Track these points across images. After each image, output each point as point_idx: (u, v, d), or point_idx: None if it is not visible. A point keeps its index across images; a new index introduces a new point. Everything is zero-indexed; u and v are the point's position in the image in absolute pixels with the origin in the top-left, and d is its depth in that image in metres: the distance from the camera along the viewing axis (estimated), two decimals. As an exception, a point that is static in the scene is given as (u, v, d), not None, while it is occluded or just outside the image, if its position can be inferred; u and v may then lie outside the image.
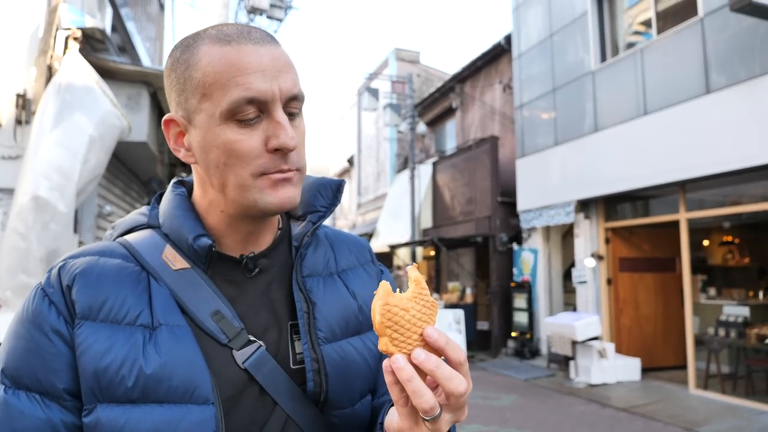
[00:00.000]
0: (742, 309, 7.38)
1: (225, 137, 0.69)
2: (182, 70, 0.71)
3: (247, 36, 0.70)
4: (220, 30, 0.71)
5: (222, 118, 0.69)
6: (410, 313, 0.61)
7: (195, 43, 0.72)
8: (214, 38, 0.70)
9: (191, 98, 0.71)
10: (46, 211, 3.38)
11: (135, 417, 0.64)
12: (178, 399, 0.66)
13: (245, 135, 0.69)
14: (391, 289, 0.62)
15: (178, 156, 0.76)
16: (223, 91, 0.68)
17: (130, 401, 0.65)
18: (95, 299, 0.69)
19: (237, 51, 0.68)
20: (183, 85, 0.71)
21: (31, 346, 0.68)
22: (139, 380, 0.65)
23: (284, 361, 0.75)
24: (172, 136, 0.76)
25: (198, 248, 0.74)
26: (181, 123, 0.74)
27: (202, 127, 0.71)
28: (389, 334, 0.60)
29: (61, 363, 0.67)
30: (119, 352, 0.66)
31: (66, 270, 0.71)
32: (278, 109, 0.70)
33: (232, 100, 0.67)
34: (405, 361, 0.59)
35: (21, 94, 3.93)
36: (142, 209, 0.85)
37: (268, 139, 0.70)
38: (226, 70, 0.68)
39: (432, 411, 0.58)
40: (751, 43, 6.48)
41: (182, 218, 0.77)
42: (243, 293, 0.77)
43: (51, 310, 0.69)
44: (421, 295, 0.63)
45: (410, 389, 0.58)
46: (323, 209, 0.86)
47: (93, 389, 0.66)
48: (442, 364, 0.59)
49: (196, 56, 0.70)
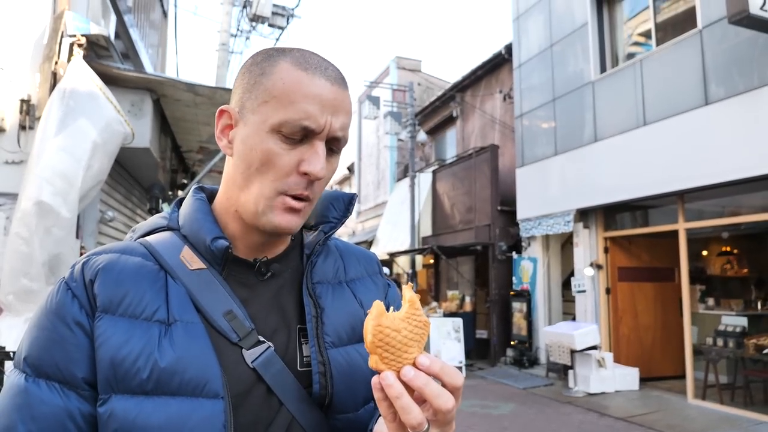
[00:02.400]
0: (740, 319, 7.39)
1: (268, 145, 0.74)
2: (257, 74, 0.76)
3: (324, 71, 0.75)
4: (303, 55, 0.77)
5: (273, 128, 0.73)
6: (402, 333, 0.62)
7: (278, 56, 0.77)
8: (296, 60, 0.75)
9: (253, 99, 0.76)
10: (49, 216, 3.40)
11: (148, 408, 0.67)
12: (190, 392, 0.68)
13: (285, 151, 0.74)
14: (384, 308, 0.63)
15: (219, 144, 0.80)
16: (284, 106, 0.73)
17: (143, 393, 0.68)
18: (115, 294, 0.72)
19: (310, 79, 0.74)
20: (252, 86, 0.76)
21: (54, 336, 0.71)
22: (153, 373, 0.68)
23: (292, 363, 0.78)
24: (220, 125, 0.80)
25: (215, 249, 0.77)
26: (234, 116, 0.78)
27: (251, 126, 0.75)
28: (380, 353, 0.61)
29: (81, 353, 0.70)
30: (136, 344, 0.69)
31: (89, 265, 0.75)
32: (321, 140, 0.75)
33: (287, 119, 0.72)
34: (394, 378, 0.60)
35: (25, 99, 3.95)
36: (163, 213, 0.89)
37: (301, 162, 0.74)
38: (293, 90, 0.73)
39: (420, 427, 0.60)
40: (749, 55, 6.53)
41: (201, 221, 0.80)
42: (255, 295, 0.80)
43: (74, 303, 0.72)
44: (414, 315, 0.64)
45: (399, 405, 0.59)
46: (335, 220, 0.91)
47: (109, 379, 0.68)
48: (430, 382, 0.60)
49: (273, 67, 0.75)
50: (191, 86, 4.98)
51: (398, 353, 0.61)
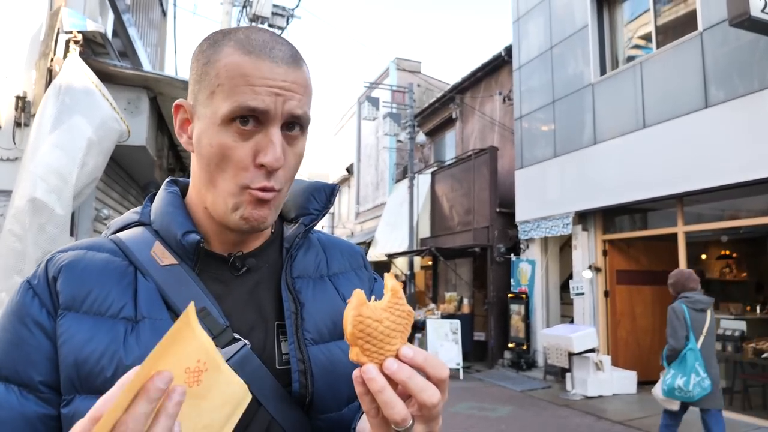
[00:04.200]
0: (739, 323, 7.37)
1: (221, 139, 0.70)
2: (202, 63, 0.74)
3: (269, 51, 0.71)
4: (248, 36, 0.73)
5: (223, 120, 0.70)
6: (384, 324, 0.58)
7: (222, 41, 0.73)
8: (239, 44, 0.72)
9: (202, 92, 0.73)
10: (43, 214, 3.37)
11: None
12: None
13: (239, 143, 0.70)
14: (365, 297, 0.59)
15: (180, 140, 0.77)
16: (230, 95, 0.69)
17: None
18: (79, 291, 0.70)
19: (253, 63, 0.70)
20: (199, 77, 0.74)
21: (13, 338, 0.69)
22: (118, 371, 0.65)
23: (270, 361, 0.75)
24: (178, 120, 0.78)
25: (186, 244, 0.74)
26: (189, 111, 0.76)
27: (204, 121, 0.73)
28: (361, 344, 0.58)
29: (40, 355, 0.68)
30: (100, 342, 0.67)
31: (53, 262, 0.73)
32: (275, 126, 0.71)
33: (235, 105, 0.69)
34: (377, 372, 0.56)
35: (21, 96, 3.92)
36: (136, 208, 0.86)
37: (257, 153, 0.71)
38: (237, 77, 0.69)
39: (404, 422, 0.56)
40: (749, 58, 6.51)
41: (172, 215, 0.78)
42: (229, 291, 0.77)
43: (34, 302, 0.70)
44: (397, 305, 0.60)
45: (381, 400, 0.56)
46: (316, 212, 0.87)
47: (72, 379, 0.66)
48: (414, 375, 0.57)
49: (217, 55, 0.72)
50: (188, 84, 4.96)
51: (380, 345, 0.58)
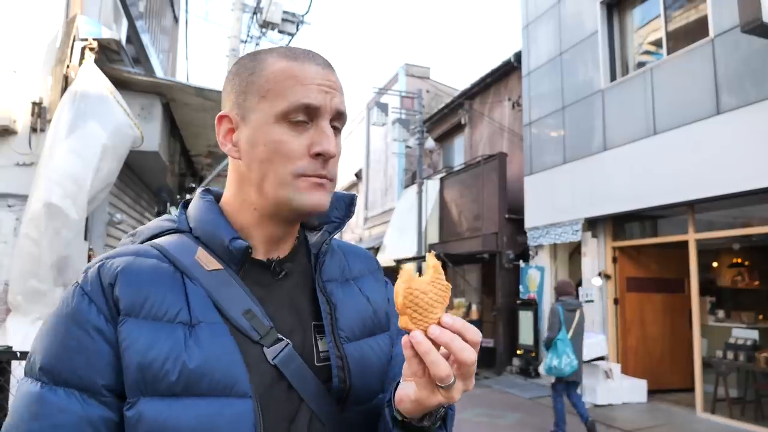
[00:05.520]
0: (751, 332, 7.31)
1: (274, 136, 0.76)
2: (246, 74, 0.80)
3: (312, 58, 0.80)
4: (288, 48, 0.81)
5: (276, 119, 0.76)
6: (428, 295, 0.67)
7: (263, 54, 0.81)
8: (282, 53, 0.80)
9: (250, 99, 0.78)
10: (58, 218, 3.41)
11: (178, 410, 0.67)
12: (219, 392, 0.69)
13: (293, 137, 0.77)
14: (412, 273, 0.68)
15: (224, 150, 0.82)
16: (283, 95, 0.76)
17: (173, 395, 0.68)
18: (137, 296, 0.72)
19: (300, 66, 0.78)
20: (244, 87, 0.79)
21: (71, 343, 0.70)
22: (182, 375, 0.68)
23: (309, 359, 0.80)
24: (222, 131, 0.82)
25: (234, 250, 0.78)
26: (234, 120, 0.81)
27: (254, 124, 0.78)
28: (409, 313, 0.67)
29: (101, 360, 0.69)
30: (162, 347, 0.69)
31: (106, 269, 0.74)
32: (326, 120, 0.78)
33: (290, 103, 0.76)
34: (423, 336, 0.65)
35: (37, 102, 3.97)
36: (165, 217, 0.89)
37: (311, 144, 0.77)
38: (288, 79, 0.77)
39: (448, 379, 0.65)
40: (761, 64, 6.48)
41: (216, 222, 0.81)
42: (270, 295, 0.81)
43: (91, 308, 0.71)
44: (438, 279, 0.69)
45: (428, 360, 0.64)
46: (338, 220, 0.92)
47: (137, 383, 0.68)
48: (455, 338, 0.65)
49: (262, 64, 0.79)
50: (200, 90, 5.00)
51: (425, 313, 0.67)
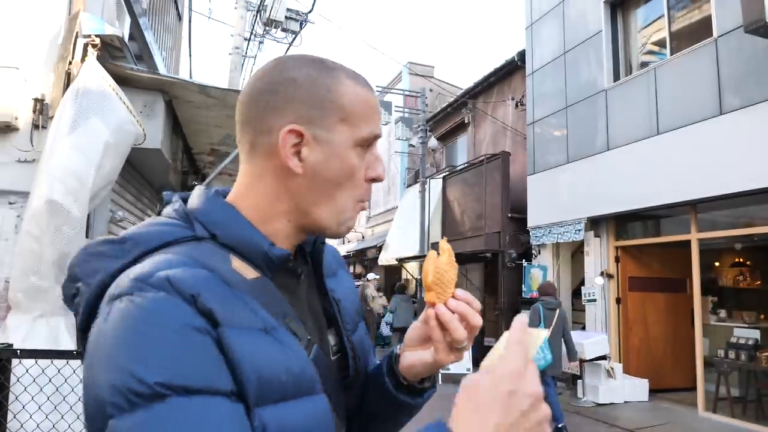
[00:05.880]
0: (753, 332, 7.29)
1: (352, 161, 0.79)
2: (323, 91, 0.78)
3: (369, 84, 0.84)
4: (352, 70, 0.83)
5: (355, 144, 0.79)
6: (449, 273, 0.81)
7: (335, 72, 0.80)
8: (351, 76, 0.81)
9: (328, 118, 0.78)
10: (60, 215, 3.41)
11: (291, 412, 0.68)
12: (312, 390, 0.73)
13: (361, 163, 0.81)
14: (436, 254, 0.81)
15: (289, 164, 0.77)
16: (363, 122, 0.80)
17: (284, 399, 0.68)
18: (224, 305, 0.66)
19: (369, 94, 0.82)
20: (320, 103, 0.77)
21: (193, 350, 0.63)
22: (289, 377, 0.69)
23: (327, 355, 0.85)
24: (289, 144, 0.77)
25: (275, 258, 0.77)
26: (307, 137, 0.77)
27: (330, 145, 0.78)
28: (435, 289, 0.79)
29: (223, 365, 0.64)
30: (265, 353, 0.67)
31: (178, 280, 0.65)
32: (376, 145, 0.84)
33: (369, 132, 0.81)
34: (445, 309, 0.79)
35: (39, 98, 3.97)
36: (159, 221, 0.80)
37: (367, 169, 0.83)
38: (366, 107, 0.81)
39: (465, 340, 0.79)
40: (764, 65, 6.46)
41: (249, 230, 0.78)
42: (296, 298, 0.83)
43: (196, 317, 0.64)
44: (452, 260, 0.82)
45: (451, 327, 0.79)
46: None
47: (256, 392, 0.64)
48: (468, 308, 0.81)
49: (339, 84, 0.79)
50: (203, 88, 5.00)
51: (445, 288, 0.81)
